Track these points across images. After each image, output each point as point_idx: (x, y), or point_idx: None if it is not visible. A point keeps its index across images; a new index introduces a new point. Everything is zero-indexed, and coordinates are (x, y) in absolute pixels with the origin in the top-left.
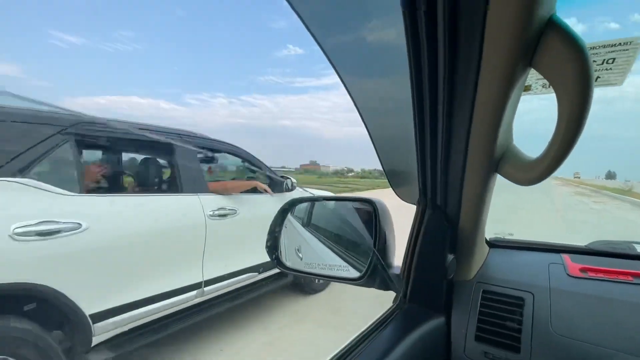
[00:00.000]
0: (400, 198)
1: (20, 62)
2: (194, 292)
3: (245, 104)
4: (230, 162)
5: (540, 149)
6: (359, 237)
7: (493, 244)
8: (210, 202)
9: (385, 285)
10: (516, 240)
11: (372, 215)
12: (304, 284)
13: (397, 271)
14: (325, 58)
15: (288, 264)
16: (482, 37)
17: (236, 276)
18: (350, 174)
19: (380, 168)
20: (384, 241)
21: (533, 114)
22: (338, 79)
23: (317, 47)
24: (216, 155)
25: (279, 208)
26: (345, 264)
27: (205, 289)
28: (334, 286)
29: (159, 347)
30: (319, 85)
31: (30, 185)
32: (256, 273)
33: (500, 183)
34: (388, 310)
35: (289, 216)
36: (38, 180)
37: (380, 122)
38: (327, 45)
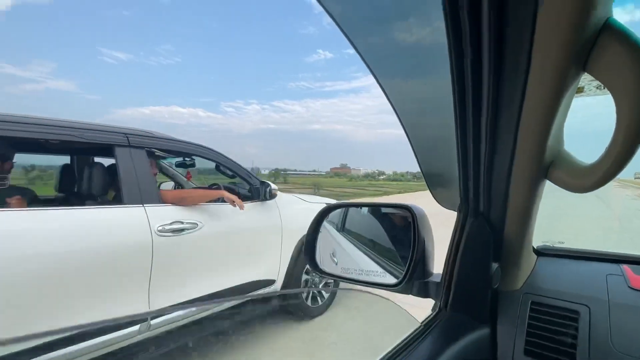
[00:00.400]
0: (440, 204)
1: (77, 78)
2: (135, 328)
3: (276, 110)
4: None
5: (587, 149)
6: (394, 244)
7: (541, 253)
8: (161, 214)
9: (424, 293)
10: (567, 248)
11: (410, 222)
12: (296, 308)
13: (436, 279)
14: (355, 60)
15: (325, 268)
16: (532, 39)
17: (199, 304)
18: (381, 177)
19: (413, 170)
20: (423, 248)
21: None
22: (369, 82)
23: (347, 50)
24: (191, 158)
25: (256, 218)
26: (380, 269)
27: (152, 322)
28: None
29: None
30: (349, 88)
31: None
32: (227, 299)
33: None
34: (427, 318)
35: (325, 221)
36: None
37: (419, 124)
38: (362, 46)
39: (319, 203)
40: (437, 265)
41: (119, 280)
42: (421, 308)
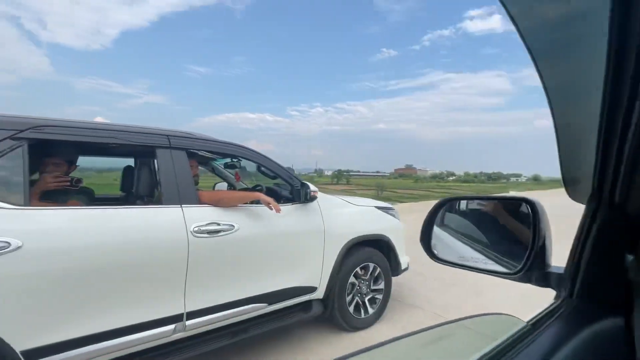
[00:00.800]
0: (571, 197)
1: (167, 92)
2: (171, 327)
3: (339, 111)
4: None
5: None
6: (505, 235)
7: None
8: (197, 215)
9: (544, 282)
10: None
11: (529, 214)
12: (339, 318)
13: (557, 270)
14: (422, 56)
15: (441, 256)
16: None
17: (235, 307)
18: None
19: (488, 171)
20: (543, 240)
21: None
22: (436, 78)
23: (413, 47)
24: (238, 159)
25: (296, 222)
26: (491, 260)
27: (188, 322)
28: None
29: None
30: (415, 85)
31: None
32: (265, 304)
33: None
34: (549, 307)
35: (440, 212)
36: None
37: (567, 110)
38: (523, 24)
39: (366, 206)
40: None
41: (157, 277)
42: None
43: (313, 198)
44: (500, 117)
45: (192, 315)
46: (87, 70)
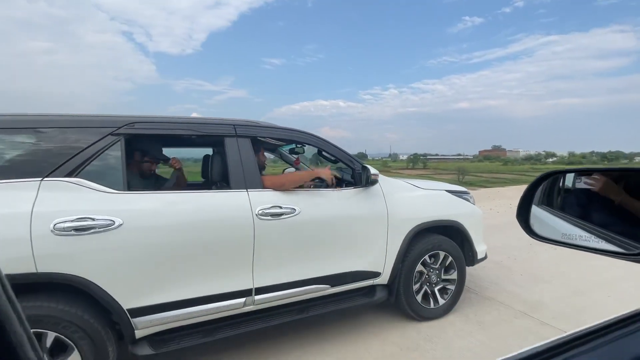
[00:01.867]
0: None
1: (247, 86)
2: (241, 300)
3: (415, 92)
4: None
5: None
6: (621, 213)
7: None
8: (262, 199)
9: None
10: None
11: None
12: (406, 306)
13: None
14: (514, 20)
15: (542, 233)
16: None
17: (298, 287)
18: (550, 160)
19: (602, 149)
20: None
21: None
22: (531, 43)
23: (503, 9)
24: (301, 145)
25: (357, 206)
26: (601, 240)
27: (257, 297)
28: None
29: (207, 351)
30: (505, 54)
31: (78, 185)
32: (327, 286)
33: None
34: None
35: (542, 188)
36: (88, 179)
37: None
38: None
39: (436, 190)
40: None
41: (229, 254)
42: None
43: (374, 181)
44: (621, 82)
45: (259, 290)
46: (183, 72)
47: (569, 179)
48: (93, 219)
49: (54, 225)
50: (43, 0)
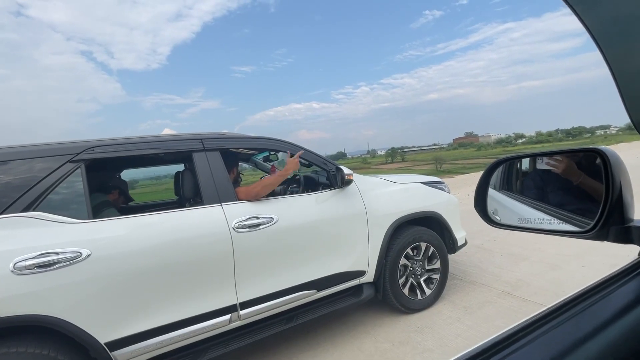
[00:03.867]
0: None
1: (219, 97)
2: (227, 317)
3: (386, 87)
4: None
5: None
6: (565, 194)
7: None
8: (237, 211)
9: (623, 239)
10: None
11: (600, 166)
12: (394, 301)
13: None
14: (472, 11)
15: (499, 220)
16: None
17: (284, 295)
18: (520, 141)
19: (566, 126)
20: (619, 193)
21: None
22: (490, 31)
23: (460, 2)
24: (274, 152)
25: (335, 207)
26: (557, 220)
27: (242, 312)
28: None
29: None
30: (467, 44)
31: (37, 218)
32: (314, 291)
33: None
34: (630, 264)
35: (497, 174)
36: (48, 211)
37: (628, 52)
38: None
39: (411, 183)
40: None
41: (208, 272)
42: None
43: (349, 181)
44: (577, 62)
45: (244, 305)
46: (151, 87)
47: (525, 163)
48: (57, 253)
49: (14, 265)
50: None
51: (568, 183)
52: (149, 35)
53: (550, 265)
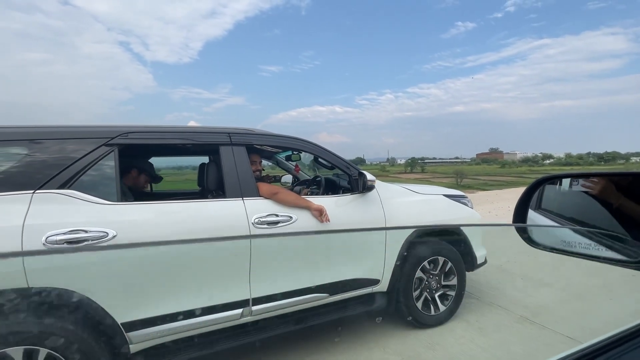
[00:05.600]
0: None
1: (244, 94)
2: (239, 310)
3: (411, 96)
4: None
5: None
6: (620, 218)
7: None
8: (258, 207)
9: None
10: None
11: None
12: (406, 313)
13: None
14: (506, 24)
15: (539, 240)
16: None
17: (296, 296)
18: (547, 162)
19: (599, 150)
20: None
21: None
22: (524, 47)
23: (494, 15)
24: (297, 152)
25: (354, 213)
26: (603, 247)
27: (254, 307)
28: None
29: None
30: (498, 58)
31: (71, 196)
32: (326, 294)
33: None
34: None
35: (537, 194)
36: (81, 190)
37: None
38: None
39: (433, 194)
40: None
41: (224, 264)
42: None
43: (371, 187)
44: (614, 84)
45: (257, 301)
46: (180, 81)
47: (565, 184)
48: (86, 231)
49: (46, 238)
50: (40, 12)
51: (607, 205)
52: (183, 30)
53: (574, 294)
